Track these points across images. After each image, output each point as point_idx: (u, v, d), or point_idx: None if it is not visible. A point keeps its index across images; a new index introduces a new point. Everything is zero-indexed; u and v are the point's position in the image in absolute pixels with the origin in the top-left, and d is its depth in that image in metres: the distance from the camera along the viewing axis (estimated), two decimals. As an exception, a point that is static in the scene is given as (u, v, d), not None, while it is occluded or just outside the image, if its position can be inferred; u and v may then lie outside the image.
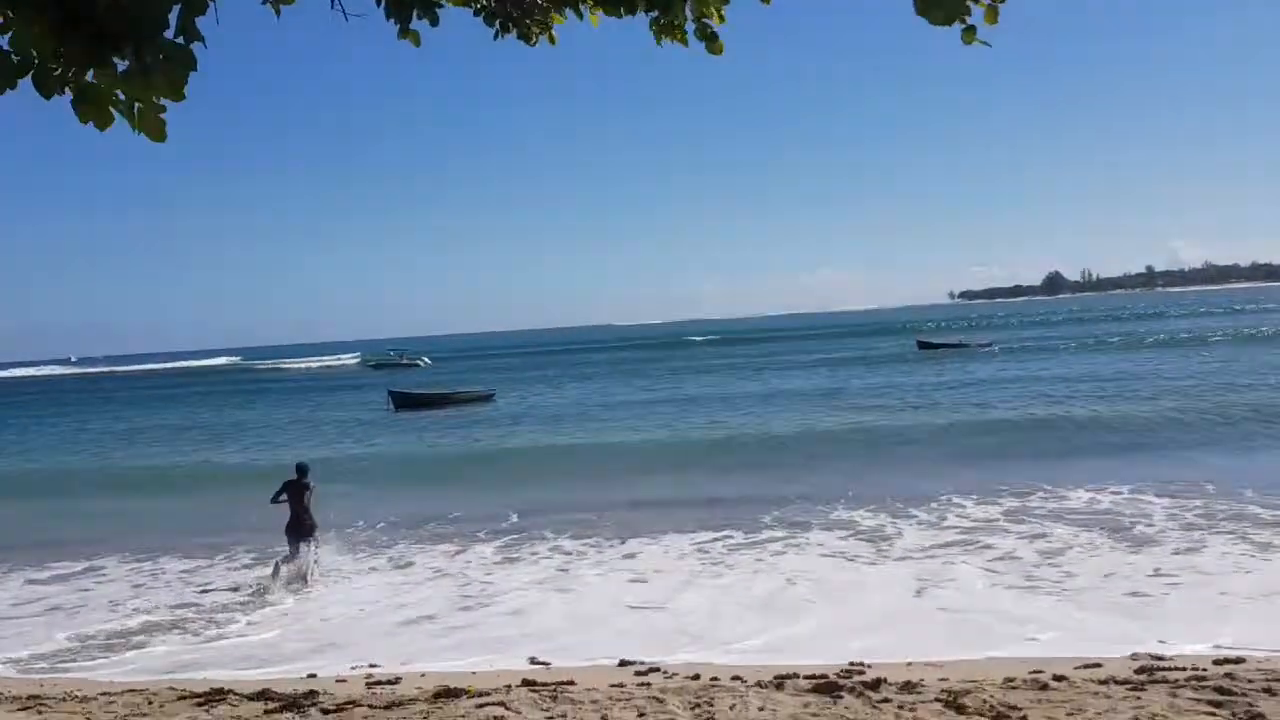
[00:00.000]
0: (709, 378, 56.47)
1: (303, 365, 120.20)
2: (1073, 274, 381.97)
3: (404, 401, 47.29)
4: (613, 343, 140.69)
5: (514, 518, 18.26)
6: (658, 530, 16.33)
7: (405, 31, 5.11)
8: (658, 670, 9.75)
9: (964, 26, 4.01)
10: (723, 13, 5.13)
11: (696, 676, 9.18)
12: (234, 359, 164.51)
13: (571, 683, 9.25)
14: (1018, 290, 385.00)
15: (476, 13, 5.38)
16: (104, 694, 8.45)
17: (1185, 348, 55.77)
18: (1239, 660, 8.40)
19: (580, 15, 5.25)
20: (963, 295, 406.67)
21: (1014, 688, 6.66)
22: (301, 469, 14.93)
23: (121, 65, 3.53)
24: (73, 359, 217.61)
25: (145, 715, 7.45)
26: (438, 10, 5.04)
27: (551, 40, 5.54)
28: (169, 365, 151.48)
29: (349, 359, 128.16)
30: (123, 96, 3.60)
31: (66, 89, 3.57)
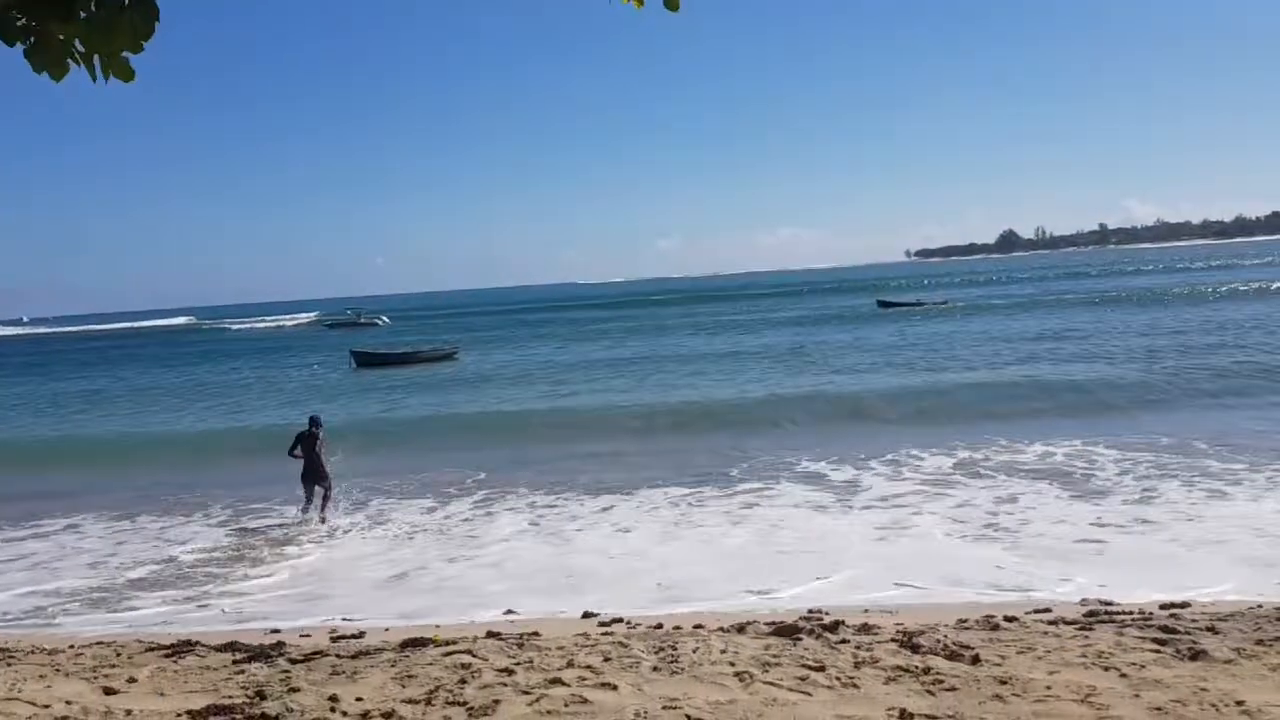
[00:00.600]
0: (673, 337, 56.55)
1: (260, 325, 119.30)
2: (1026, 232, 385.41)
3: (366, 360, 47.23)
4: (576, 301, 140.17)
5: (482, 475, 18.36)
6: (632, 486, 16.49)
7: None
8: (621, 620, 9.94)
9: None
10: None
11: (659, 625, 9.38)
12: (190, 319, 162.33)
13: (536, 634, 9.41)
14: (973, 248, 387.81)
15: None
16: (71, 646, 8.46)
17: (1140, 304, 56.89)
18: (1184, 604, 8.72)
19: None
20: (919, 254, 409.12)
21: (966, 628, 6.88)
22: (313, 421, 15.93)
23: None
24: (25, 319, 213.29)
25: (114, 666, 7.49)
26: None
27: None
28: (124, 325, 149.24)
29: (304, 318, 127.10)
30: (81, 48, 3.55)
31: (30, 38, 3.51)
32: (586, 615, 10.41)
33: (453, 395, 33.74)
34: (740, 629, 7.28)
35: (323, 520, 15.22)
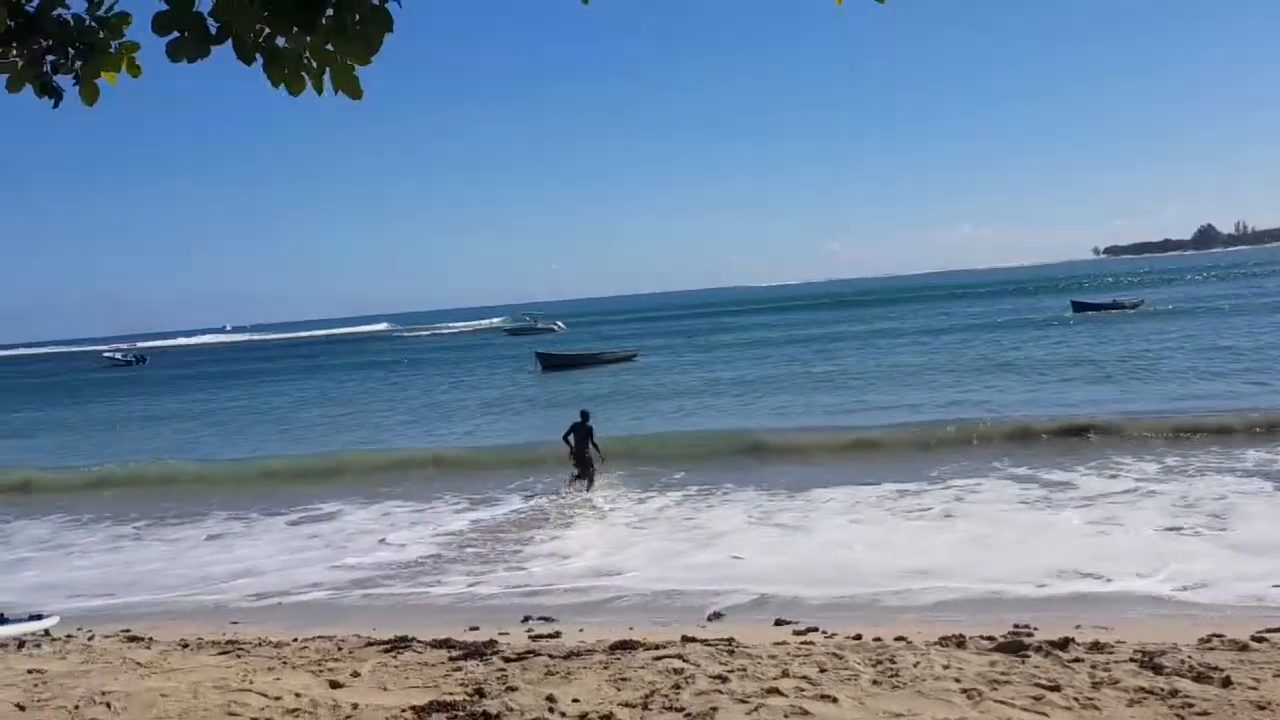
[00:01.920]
0: (864, 348, 50.24)
1: (446, 330, 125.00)
2: (1226, 226, 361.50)
3: (551, 363, 48.53)
4: (744, 305, 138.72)
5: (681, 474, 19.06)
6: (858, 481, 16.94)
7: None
8: (816, 630, 9.76)
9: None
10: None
11: (858, 636, 9.14)
12: (386, 325, 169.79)
13: (732, 639, 9.33)
14: (1167, 244, 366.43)
15: None
16: (295, 640, 8.90)
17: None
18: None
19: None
20: (1108, 251, 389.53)
21: (1211, 648, 6.42)
22: (585, 414, 18.72)
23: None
24: (227, 327, 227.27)
25: (337, 660, 7.82)
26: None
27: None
28: (324, 331, 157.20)
29: (491, 323, 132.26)
30: (313, 63, 3.64)
31: (259, 54, 3.60)
32: (780, 623, 10.28)
33: (636, 397, 34.02)
34: (960, 644, 6.99)
35: (589, 492, 17.98)
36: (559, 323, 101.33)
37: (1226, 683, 5.50)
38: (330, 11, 3.52)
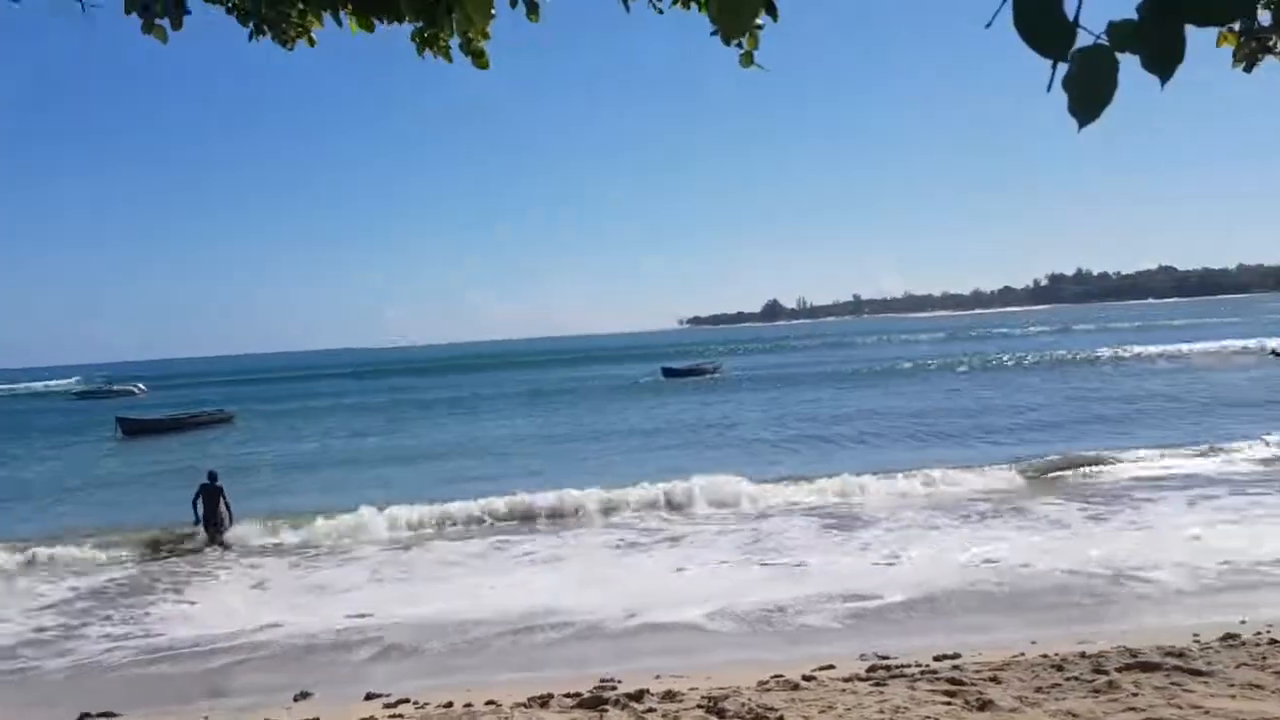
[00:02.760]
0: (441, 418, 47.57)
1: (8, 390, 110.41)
2: (789, 302, 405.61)
3: (134, 428, 44.46)
4: (333, 368, 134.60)
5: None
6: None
7: (150, 26, 4.77)
8: (407, 701, 9.54)
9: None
10: (488, 31, 5.11)
11: (449, 704, 9.03)
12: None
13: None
14: (741, 316, 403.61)
15: (229, 11, 5.10)
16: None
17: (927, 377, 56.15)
18: (955, 655, 9.17)
19: (339, 22, 5.09)
20: (691, 320, 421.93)
21: (768, 689, 6.94)
22: (212, 475, 19.01)
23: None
24: None
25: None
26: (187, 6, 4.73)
27: (310, 43, 5.33)
28: None
29: (60, 384, 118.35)
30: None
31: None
32: (370, 697, 9.94)
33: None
34: (544, 703, 7.06)
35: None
36: (139, 385, 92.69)
37: (779, 722, 5.95)
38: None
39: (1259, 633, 9.63)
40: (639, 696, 6.91)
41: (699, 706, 6.40)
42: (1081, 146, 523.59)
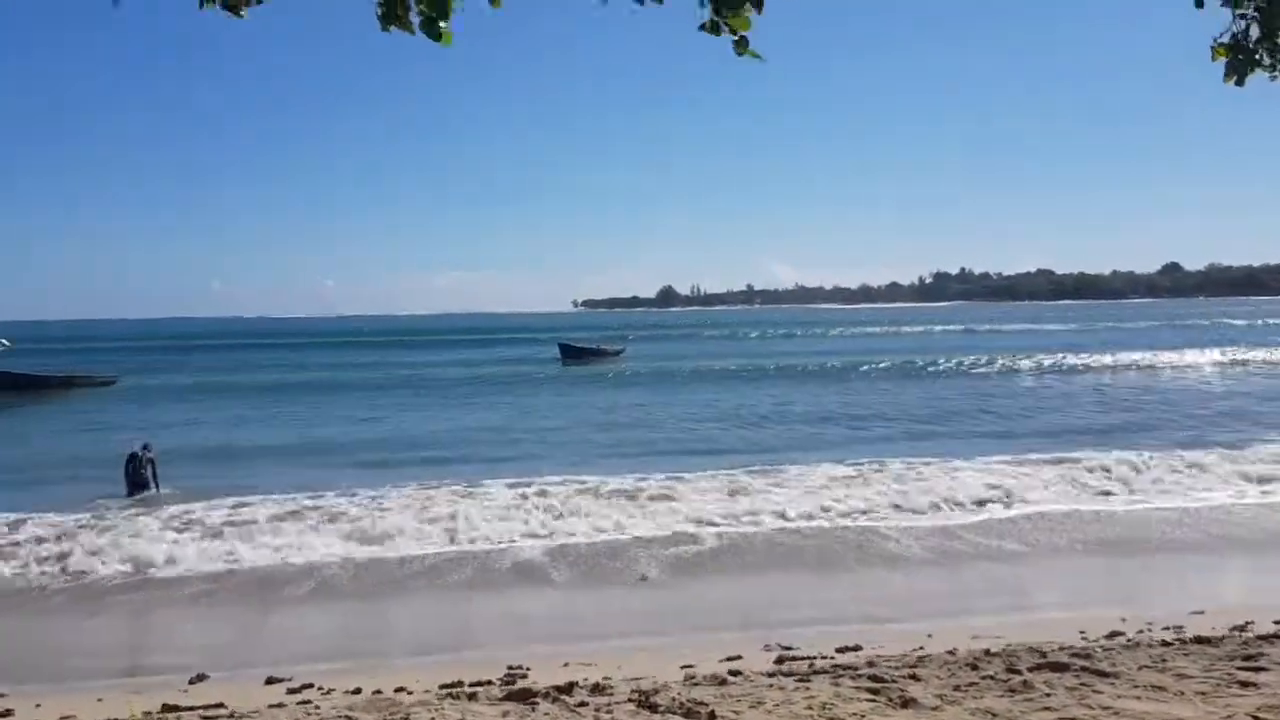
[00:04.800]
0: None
1: None
2: (683, 288, 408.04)
3: (6, 382, 42.09)
4: (233, 337, 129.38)
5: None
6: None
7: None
8: (311, 686, 9.41)
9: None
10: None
11: (358, 690, 8.89)
12: None
13: (221, 704, 8.64)
14: (635, 301, 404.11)
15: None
16: None
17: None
18: (856, 648, 9.46)
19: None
20: (585, 304, 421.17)
21: (696, 684, 7.03)
22: (146, 446, 19.80)
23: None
24: None
25: None
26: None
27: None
28: None
29: None
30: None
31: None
32: (270, 681, 9.74)
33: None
34: (472, 696, 7.01)
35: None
36: (3, 340, 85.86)
37: (712, 717, 6.03)
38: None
39: (1141, 630, 10.15)
40: (569, 689, 6.92)
41: (630, 700, 6.44)
42: (963, 148, 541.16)
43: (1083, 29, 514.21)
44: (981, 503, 17.16)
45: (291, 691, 9.38)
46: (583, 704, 6.45)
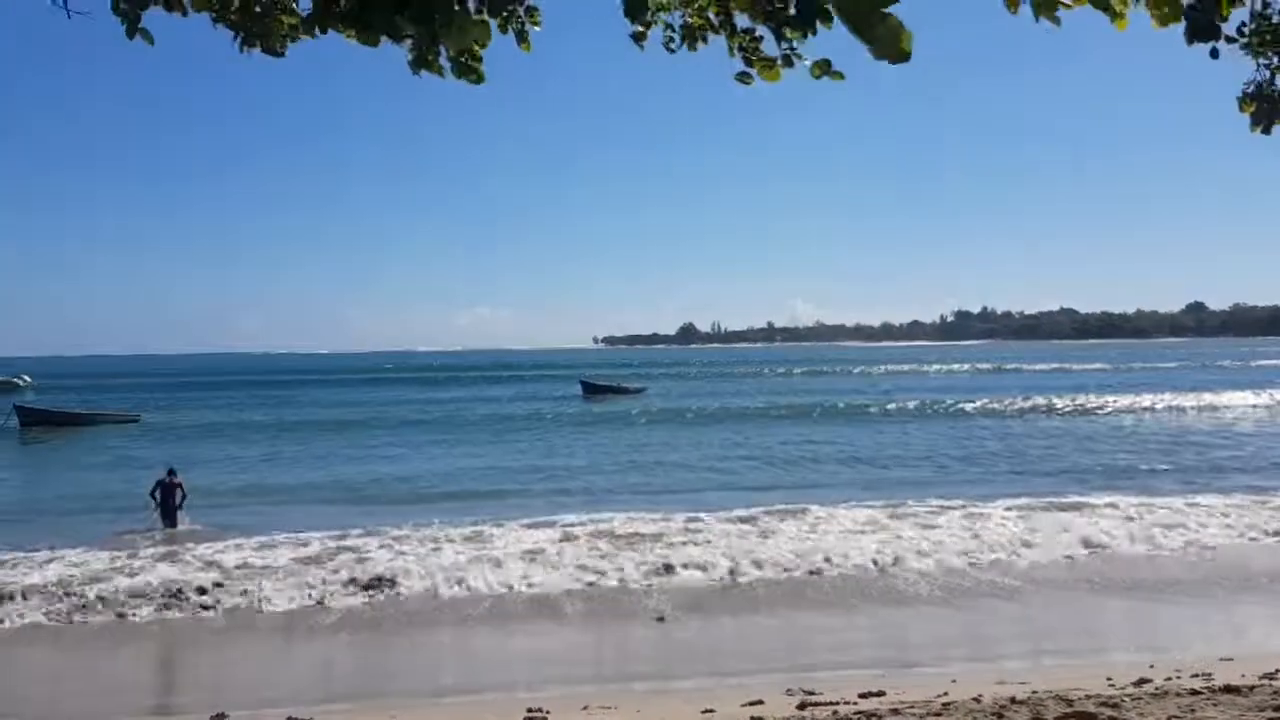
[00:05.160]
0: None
1: None
2: (704, 325, 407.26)
3: (36, 418, 43.32)
4: (259, 374, 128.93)
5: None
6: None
7: (135, 30, 4.65)
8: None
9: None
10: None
11: None
12: None
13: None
14: (656, 338, 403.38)
15: (215, 22, 4.99)
16: None
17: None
18: (880, 693, 9.32)
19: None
20: (606, 340, 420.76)
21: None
22: (171, 471, 20.17)
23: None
24: None
25: None
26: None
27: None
28: None
29: None
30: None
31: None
32: None
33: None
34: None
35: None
36: (24, 376, 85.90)
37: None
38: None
39: (1169, 678, 9.97)
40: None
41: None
42: (986, 185, 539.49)
43: (1107, 67, 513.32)
44: (1008, 546, 16.92)
45: (311, 735, 9.33)
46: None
